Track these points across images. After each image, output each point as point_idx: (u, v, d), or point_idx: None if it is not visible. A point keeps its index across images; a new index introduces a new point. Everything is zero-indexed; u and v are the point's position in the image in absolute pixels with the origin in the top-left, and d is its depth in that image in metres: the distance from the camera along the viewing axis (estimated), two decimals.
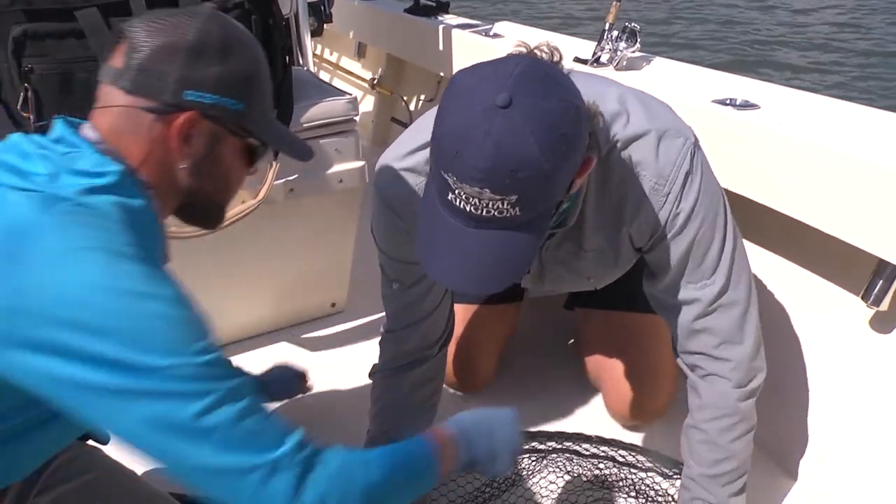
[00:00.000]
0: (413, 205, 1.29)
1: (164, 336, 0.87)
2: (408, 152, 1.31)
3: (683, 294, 1.33)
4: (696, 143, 1.27)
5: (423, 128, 1.32)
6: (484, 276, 1.07)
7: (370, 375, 1.59)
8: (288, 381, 1.77)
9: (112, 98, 1.02)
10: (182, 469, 0.89)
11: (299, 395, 1.80)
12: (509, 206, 0.99)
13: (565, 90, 1.02)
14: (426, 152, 1.25)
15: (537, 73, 1.01)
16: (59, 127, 1.01)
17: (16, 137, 0.99)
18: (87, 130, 1.02)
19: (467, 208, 1.00)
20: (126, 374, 0.84)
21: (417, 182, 1.30)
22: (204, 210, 1.14)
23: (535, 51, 1.10)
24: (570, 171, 1.04)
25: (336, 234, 2.14)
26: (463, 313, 1.56)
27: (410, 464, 1.11)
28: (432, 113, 1.35)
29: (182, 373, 0.86)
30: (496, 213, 1.00)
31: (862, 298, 1.51)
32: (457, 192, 0.99)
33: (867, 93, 6.88)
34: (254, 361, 2.08)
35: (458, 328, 1.57)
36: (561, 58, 1.11)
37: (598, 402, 1.90)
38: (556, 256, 1.42)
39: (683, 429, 1.44)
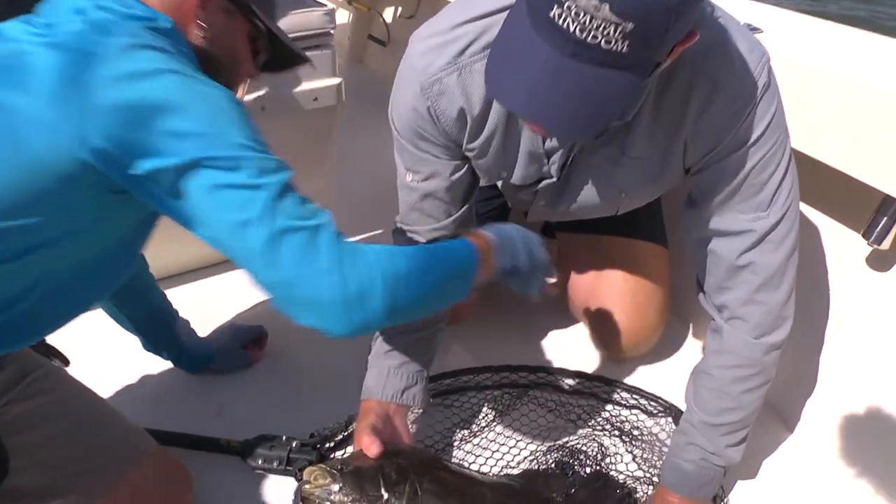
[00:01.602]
0: (444, 85, 1.19)
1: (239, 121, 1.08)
2: (451, 26, 1.17)
3: (733, 224, 1.23)
4: (769, 60, 1.16)
5: (467, 4, 1.20)
6: (577, 116, 0.94)
7: None
8: (234, 355, 1.76)
9: None
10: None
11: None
12: (620, 37, 0.86)
13: None
14: (473, 27, 1.15)
15: None
16: None
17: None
18: None
19: (572, 28, 0.87)
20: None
21: (458, 62, 1.17)
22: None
23: None
24: (683, 29, 0.92)
25: (310, 157, 2.03)
26: None
27: (452, 260, 1.16)
28: None
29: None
30: (603, 42, 0.87)
31: (863, 236, 1.44)
32: (566, 5, 0.86)
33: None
34: (225, 289, 2.01)
35: None
36: None
37: (581, 336, 1.85)
38: (591, 163, 1.30)
39: (692, 372, 1.38)
